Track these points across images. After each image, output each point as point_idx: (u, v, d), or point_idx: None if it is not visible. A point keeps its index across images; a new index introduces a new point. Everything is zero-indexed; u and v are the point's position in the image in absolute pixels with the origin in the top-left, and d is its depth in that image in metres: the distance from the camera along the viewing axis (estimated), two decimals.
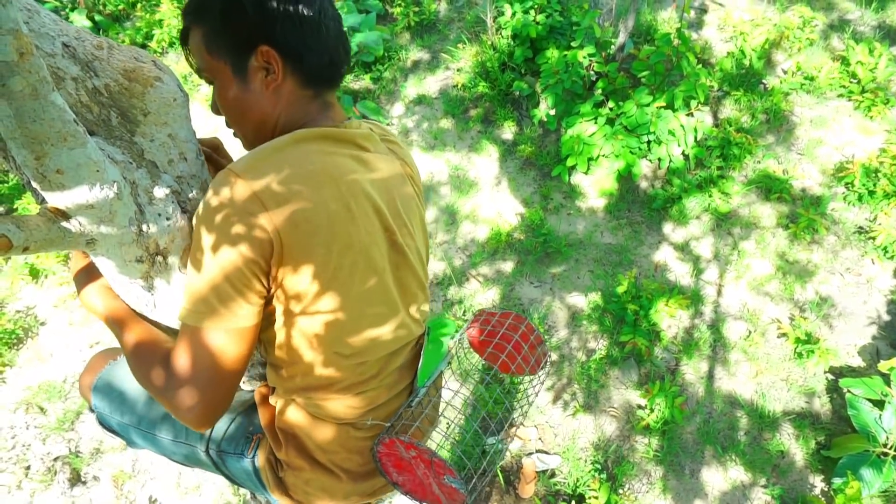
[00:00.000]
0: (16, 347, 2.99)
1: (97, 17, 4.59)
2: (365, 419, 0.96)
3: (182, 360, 0.79)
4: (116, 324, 0.91)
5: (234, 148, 1.00)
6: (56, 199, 0.69)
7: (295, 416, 0.95)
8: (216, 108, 0.93)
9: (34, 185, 0.68)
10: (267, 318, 0.85)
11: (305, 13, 0.84)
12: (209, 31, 0.85)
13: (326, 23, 0.87)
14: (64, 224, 0.71)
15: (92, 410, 1.21)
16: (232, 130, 0.96)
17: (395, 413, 1.00)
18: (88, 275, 0.95)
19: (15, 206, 3.55)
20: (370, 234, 0.86)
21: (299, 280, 0.80)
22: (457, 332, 1.10)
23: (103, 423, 1.19)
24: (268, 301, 0.83)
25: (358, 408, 0.95)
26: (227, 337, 0.78)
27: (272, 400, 1.00)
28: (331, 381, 0.90)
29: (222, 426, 1.08)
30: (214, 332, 0.78)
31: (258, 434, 1.05)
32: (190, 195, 0.89)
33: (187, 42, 0.89)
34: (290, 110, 0.89)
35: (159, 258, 0.84)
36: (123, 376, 1.17)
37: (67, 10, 4.49)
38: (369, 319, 0.90)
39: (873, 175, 3.16)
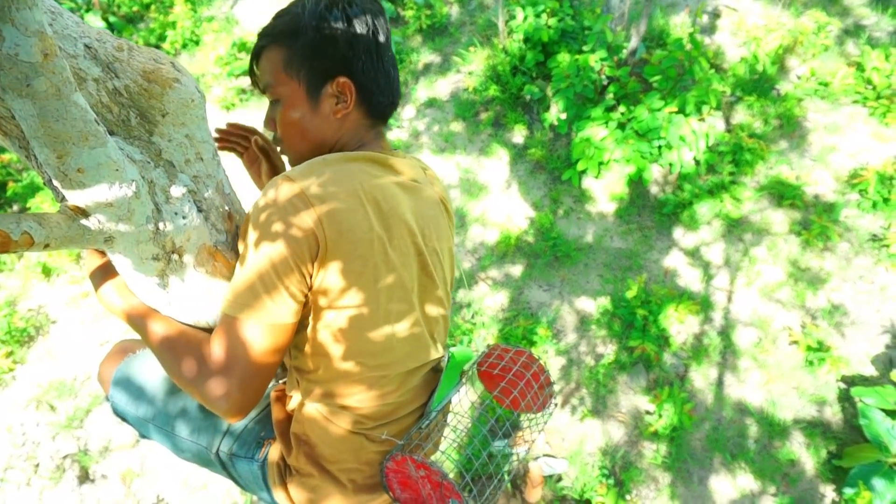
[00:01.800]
0: (27, 345, 3.01)
1: (111, 19, 4.64)
2: (380, 432, 0.98)
3: (217, 350, 0.82)
4: (139, 319, 0.93)
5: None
6: (76, 198, 0.70)
7: (312, 422, 0.96)
8: (271, 124, 1.00)
9: (55, 183, 0.69)
10: (300, 322, 0.88)
11: (383, 57, 0.96)
12: (293, 54, 0.93)
13: (392, 70, 0.99)
14: (83, 222, 0.72)
15: (108, 399, 1.22)
16: (279, 147, 1.02)
17: (407, 431, 1.02)
18: (105, 273, 0.96)
19: (28, 205, 3.58)
20: (404, 256, 0.91)
21: (335, 285, 0.84)
22: (470, 360, 1.11)
23: (117, 412, 1.21)
24: (305, 303, 0.86)
25: (375, 419, 0.97)
26: (266, 330, 0.81)
27: (290, 404, 1.01)
28: (352, 390, 0.92)
29: (236, 429, 1.09)
30: (253, 323, 0.81)
31: (269, 439, 1.07)
32: (206, 194, 0.89)
33: (259, 58, 0.96)
34: (349, 136, 0.98)
35: (175, 256, 0.85)
36: (142, 369, 1.18)
37: (82, 10, 4.54)
38: (395, 334, 0.93)
39: (888, 182, 3.13)
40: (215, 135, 1.15)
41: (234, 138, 1.18)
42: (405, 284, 0.92)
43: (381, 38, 0.95)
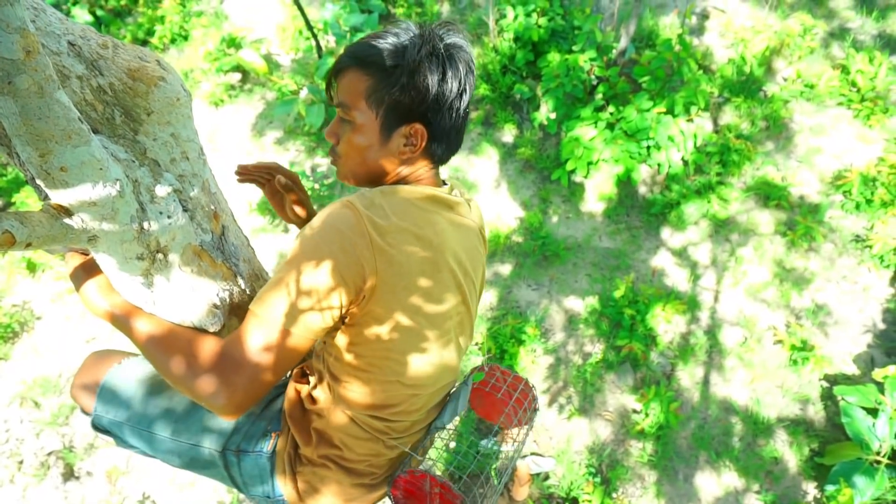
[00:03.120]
0: (11, 341, 2.98)
1: (99, 12, 4.59)
2: (398, 443, 1.05)
3: (227, 344, 0.85)
4: (124, 318, 0.93)
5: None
6: (59, 196, 0.69)
7: (338, 425, 1.02)
8: (333, 138, 1.00)
9: (38, 181, 0.68)
10: (345, 336, 0.92)
11: (460, 115, 0.98)
12: (379, 88, 0.92)
13: (465, 126, 1.02)
14: (66, 220, 0.71)
15: (85, 413, 1.20)
16: (331, 158, 1.04)
17: (417, 444, 1.10)
18: (87, 272, 0.95)
19: (13, 200, 3.54)
20: (447, 290, 0.95)
21: (382, 311, 0.88)
22: (476, 381, 1.19)
23: (98, 426, 1.19)
24: (341, 323, 0.90)
25: (398, 432, 1.04)
26: (280, 335, 0.83)
27: (316, 403, 1.05)
28: (385, 404, 0.98)
29: (243, 426, 1.10)
30: (270, 324, 0.82)
31: (275, 431, 1.09)
32: (191, 194, 0.89)
33: (341, 75, 0.96)
34: (407, 172, 1.00)
35: (160, 256, 0.85)
36: (129, 380, 1.17)
37: (69, 3, 4.49)
38: (433, 359, 0.99)
39: (871, 184, 3.17)
40: (237, 171, 1.15)
41: (257, 174, 1.18)
42: (445, 315, 0.97)
43: (466, 98, 0.97)
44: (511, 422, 1.16)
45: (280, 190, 1.16)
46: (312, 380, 1.07)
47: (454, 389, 1.16)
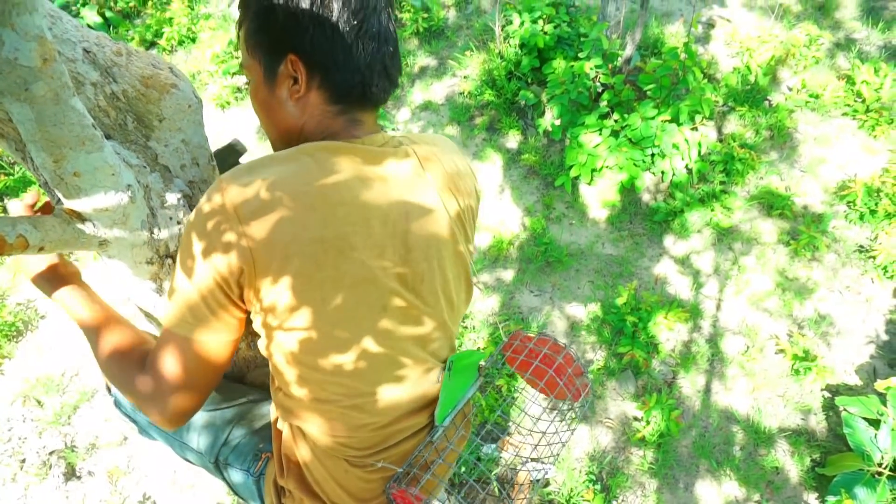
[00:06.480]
0: (15, 340, 2.99)
1: (108, 14, 4.62)
2: (370, 461, 0.90)
3: (168, 366, 0.78)
4: (93, 327, 0.88)
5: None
6: (72, 202, 0.70)
7: (297, 445, 0.92)
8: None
9: (52, 186, 0.69)
10: (266, 343, 0.82)
11: (340, 28, 0.76)
12: (249, 28, 0.80)
13: (364, 41, 0.79)
14: (79, 225, 0.72)
15: (109, 391, 1.20)
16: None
17: (410, 455, 0.93)
18: (59, 278, 0.91)
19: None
20: (368, 269, 0.78)
21: (274, 304, 0.75)
22: (490, 355, 1.04)
23: (120, 407, 1.19)
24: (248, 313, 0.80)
25: (357, 448, 0.89)
26: (188, 345, 0.77)
27: (279, 424, 0.97)
28: (320, 418, 0.85)
29: (234, 440, 1.06)
30: (192, 342, 0.77)
31: (267, 453, 1.03)
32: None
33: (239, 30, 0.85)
34: (313, 123, 0.83)
35: (169, 261, 0.86)
36: None
37: (79, 5, 4.51)
38: (353, 361, 0.81)
39: (875, 194, 3.17)
40: None
41: None
42: (367, 301, 0.79)
43: (335, 6, 0.76)
44: (556, 389, 1.02)
45: None
46: None
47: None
